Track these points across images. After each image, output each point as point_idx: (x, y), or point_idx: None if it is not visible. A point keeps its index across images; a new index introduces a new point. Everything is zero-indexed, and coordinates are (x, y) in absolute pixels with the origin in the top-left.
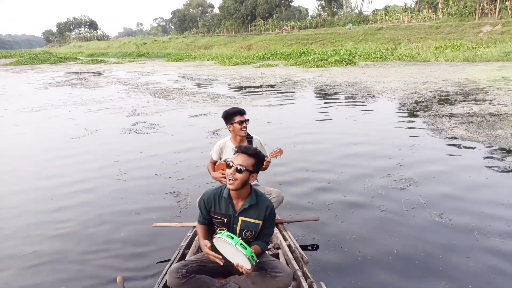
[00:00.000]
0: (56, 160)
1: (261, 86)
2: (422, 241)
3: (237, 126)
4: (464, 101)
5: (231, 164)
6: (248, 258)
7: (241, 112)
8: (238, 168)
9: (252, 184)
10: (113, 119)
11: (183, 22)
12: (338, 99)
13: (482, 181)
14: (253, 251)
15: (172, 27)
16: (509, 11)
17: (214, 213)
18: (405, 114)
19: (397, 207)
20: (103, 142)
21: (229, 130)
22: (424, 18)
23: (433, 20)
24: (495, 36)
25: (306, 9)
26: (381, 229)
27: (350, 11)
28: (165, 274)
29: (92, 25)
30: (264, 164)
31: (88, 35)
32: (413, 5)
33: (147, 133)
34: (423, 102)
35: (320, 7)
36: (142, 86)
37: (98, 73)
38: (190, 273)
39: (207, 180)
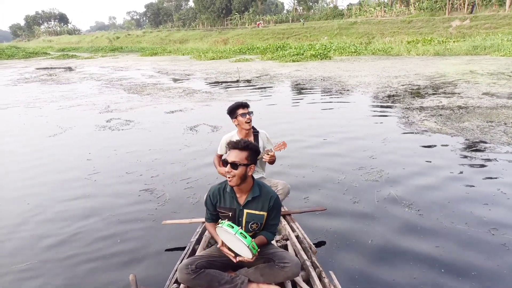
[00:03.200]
0: (26, 160)
1: (237, 81)
2: (393, 231)
3: (240, 119)
4: (434, 94)
5: (226, 161)
6: (248, 247)
7: (244, 105)
8: (233, 164)
9: (257, 177)
10: (86, 116)
11: (157, 15)
12: (313, 93)
13: (450, 172)
14: (253, 240)
15: (146, 20)
16: (477, 6)
17: (219, 208)
18: (378, 108)
19: (369, 198)
20: (76, 140)
21: (235, 125)
22: (397, 12)
23: (405, 15)
24: (464, 30)
25: (282, 3)
26: (360, 221)
27: (325, 6)
28: (176, 271)
29: (62, 18)
30: (269, 157)
31: (58, 29)
32: (386, 0)
33: (122, 129)
34: (395, 95)
35: (296, 1)
36: (116, 82)
37: (70, 69)
38: (200, 268)
39: (184, 176)
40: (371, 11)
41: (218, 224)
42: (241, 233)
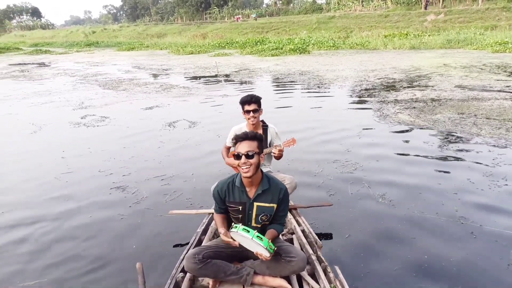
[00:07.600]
0: None
1: (216, 76)
2: (370, 222)
3: (245, 115)
4: (408, 87)
5: (239, 154)
6: (266, 248)
7: (248, 102)
8: (249, 154)
9: (265, 170)
10: (59, 113)
11: (134, 9)
12: (292, 87)
13: (422, 164)
14: (270, 240)
15: (124, 15)
16: (452, 0)
17: (229, 202)
18: (354, 102)
19: (344, 191)
20: (48, 138)
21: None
22: (375, 7)
23: (382, 9)
24: (439, 24)
25: None
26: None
27: (305, 0)
28: (182, 260)
29: (35, 12)
30: (278, 153)
31: (31, 23)
32: None
33: (96, 126)
34: (371, 89)
35: None
36: (91, 78)
37: (43, 64)
38: (207, 258)
39: (157, 173)
40: (349, 5)
41: (232, 228)
42: (257, 236)
